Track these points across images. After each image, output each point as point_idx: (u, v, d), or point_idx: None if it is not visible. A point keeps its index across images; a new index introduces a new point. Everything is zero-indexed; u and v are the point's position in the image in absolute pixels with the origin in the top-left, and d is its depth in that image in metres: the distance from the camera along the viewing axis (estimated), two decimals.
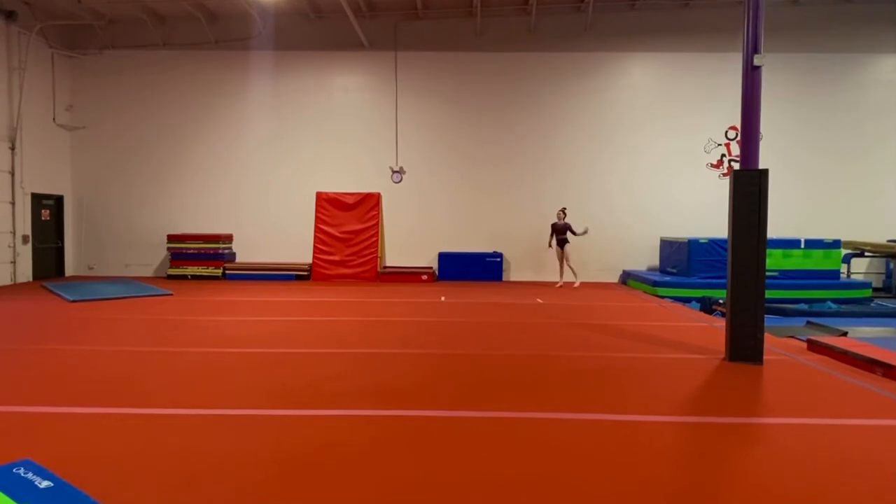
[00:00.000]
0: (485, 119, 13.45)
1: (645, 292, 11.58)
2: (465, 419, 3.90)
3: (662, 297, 11.00)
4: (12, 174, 11.97)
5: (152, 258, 13.65)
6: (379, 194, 13.38)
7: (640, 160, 13.35)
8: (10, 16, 11.75)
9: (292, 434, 3.60)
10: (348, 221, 13.31)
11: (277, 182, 13.61)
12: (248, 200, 13.65)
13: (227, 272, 13.08)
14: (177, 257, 13.11)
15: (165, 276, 13.16)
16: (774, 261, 10.97)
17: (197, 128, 13.69)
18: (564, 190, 13.34)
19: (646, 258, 13.40)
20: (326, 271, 13.13)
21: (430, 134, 13.55)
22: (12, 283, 11.92)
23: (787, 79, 12.75)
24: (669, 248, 12.58)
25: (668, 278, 11.72)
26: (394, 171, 13.59)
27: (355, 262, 13.16)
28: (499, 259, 13.30)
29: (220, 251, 13.10)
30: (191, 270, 13.00)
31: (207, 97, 13.60)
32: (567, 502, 2.75)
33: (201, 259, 13.05)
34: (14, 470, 2.83)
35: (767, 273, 5.63)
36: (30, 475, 2.76)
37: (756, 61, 5.61)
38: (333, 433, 3.62)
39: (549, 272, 13.15)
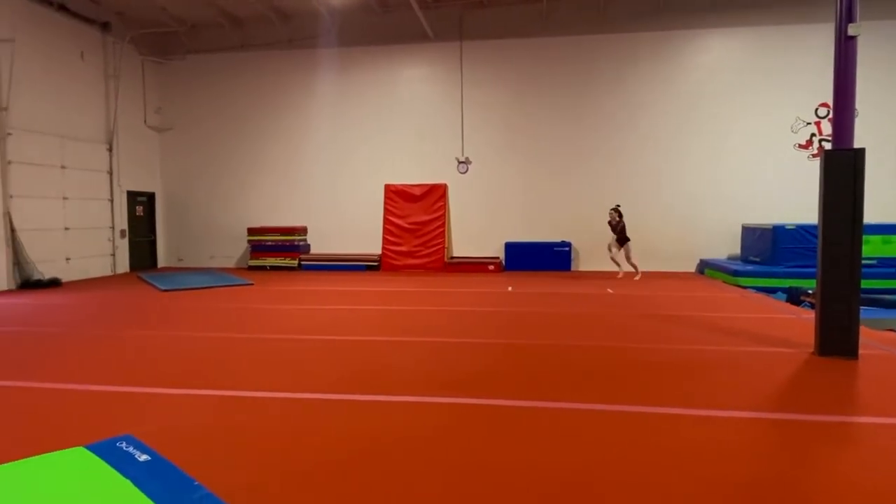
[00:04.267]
0: (552, 105, 13.17)
1: (724, 282, 11.00)
2: (534, 409, 3.88)
3: (744, 287, 10.40)
4: (110, 174, 13.02)
5: (234, 250, 14.46)
6: (445, 185, 13.47)
7: (720, 142, 12.63)
8: (105, 27, 12.72)
9: (366, 418, 3.72)
10: (416, 213, 13.50)
11: (347, 175, 13.99)
12: (320, 194, 14.13)
13: (302, 263, 13.64)
14: (256, 249, 13.82)
15: (246, 266, 13.92)
16: (872, 247, 10.10)
17: (272, 125, 14.29)
18: (636, 176, 12.88)
19: (725, 246, 12.69)
20: (395, 262, 13.40)
21: (496, 122, 13.45)
22: (112, 273, 13.01)
23: (884, 49, 11.61)
24: (752, 235, 11.86)
25: (750, 267, 11.07)
26: (460, 162, 13.61)
27: (423, 253, 13.34)
28: (567, 248, 13.05)
29: (296, 243, 13.68)
30: (269, 261, 13.68)
31: (281, 95, 14.15)
32: (646, 498, 2.68)
33: (279, 251, 13.69)
34: (117, 444, 3.10)
35: (864, 261, 5.20)
36: (131, 449, 3.01)
37: (851, 31, 5.15)
38: (405, 418, 3.71)
39: (620, 261, 12.78)
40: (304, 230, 14.09)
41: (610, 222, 11.48)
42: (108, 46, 12.89)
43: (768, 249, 11.07)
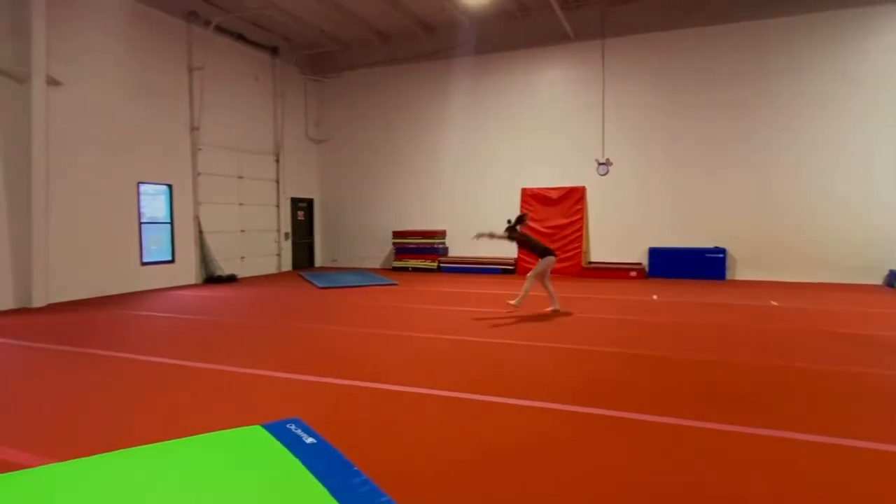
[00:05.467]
0: (701, 101, 12.20)
1: None
2: (677, 427, 3.62)
3: None
4: (277, 182, 14.59)
5: (381, 251, 15.41)
6: (584, 188, 13.12)
7: None
8: (274, 51, 14.29)
9: (503, 420, 3.75)
10: (553, 216, 13.32)
11: (485, 179, 14.22)
12: (459, 198, 14.53)
13: (441, 265, 14.13)
14: (400, 251, 14.61)
15: (391, 267, 14.77)
16: None
17: (416, 132, 15.00)
18: (801, 175, 11.46)
19: None
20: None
21: (639, 122, 12.79)
22: (278, 271, 14.56)
23: None
24: None
25: None
26: (600, 164, 13.16)
27: (559, 257, 13.11)
28: (721, 255, 11.99)
29: (435, 246, 14.21)
30: (411, 263, 14.38)
31: (424, 104, 14.80)
32: None
33: (420, 253, 14.33)
34: (286, 426, 3.46)
35: None
36: (299, 432, 3.35)
37: None
38: (541, 424, 3.68)
39: (787, 271, 11.47)
40: (443, 233, 14.58)
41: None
42: (276, 69, 14.47)
43: None
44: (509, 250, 13.71)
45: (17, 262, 8.75)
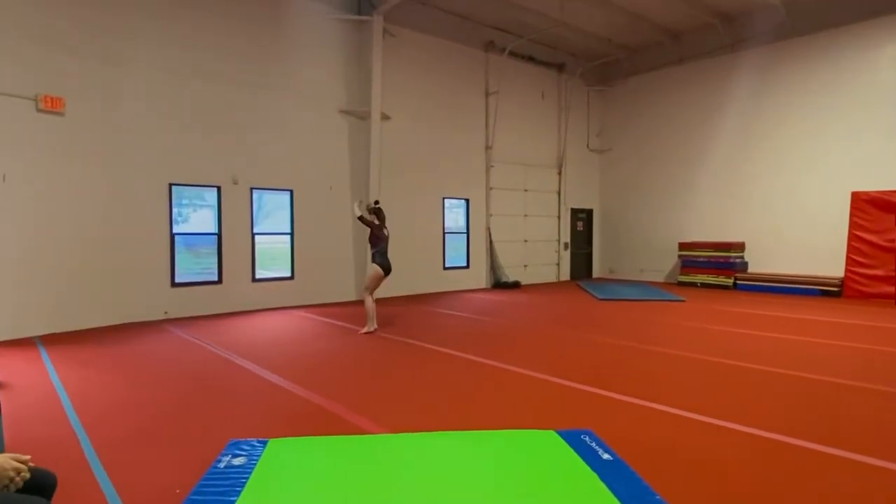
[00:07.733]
0: None
1: None
2: None
3: None
4: (559, 194, 15.01)
5: (664, 264, 14.45)
6: None
7: None
8: (560, 68, 14.75)
9: (826, 475, 3.09)
10: None
11: (798, 183, 12.07)
12: (761, 206, 12.67)
13: (737, 282, 12.52)
14: (687, 265, 13.45)
15: (676, 282, 13.72)
16: None
17: (710, 135, 13.63)
18: None
19: None
20: (864, 288, 10.81)
21: None
22: (556, 280, 14.94)
23: None
24: None
25: None
26: None
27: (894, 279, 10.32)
28: None
29: (731, 260, 12.66)
30: (700, 278, 13.10)
31: (722, 103, 13.32)
32: None
33: (711, 267, 12.95)
34: (581, 437, 3.51)
35: None
36: (593, 445, 3.35)
37: None
38: (869, 487, 2.92)
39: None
40: (741, 246, 12.91)
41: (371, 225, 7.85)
42: (561, 83, 14.91)
43: None
44: (833, 268, 11.38)
45: (357, 264, 10.94)
